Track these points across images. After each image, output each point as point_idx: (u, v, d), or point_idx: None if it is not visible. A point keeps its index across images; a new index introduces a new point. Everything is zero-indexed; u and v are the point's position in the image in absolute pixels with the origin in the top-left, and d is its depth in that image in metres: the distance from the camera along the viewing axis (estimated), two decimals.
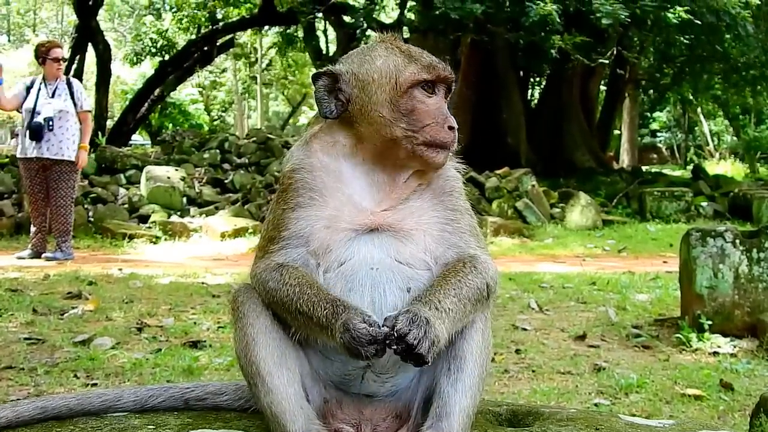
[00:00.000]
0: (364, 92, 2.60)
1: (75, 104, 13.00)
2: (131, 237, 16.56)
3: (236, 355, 2.59)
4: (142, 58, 39.78)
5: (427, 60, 2.64)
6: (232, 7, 35.20)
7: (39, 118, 12.66)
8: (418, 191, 2.64)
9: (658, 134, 59.02)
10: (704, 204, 23.08)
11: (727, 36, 26.52)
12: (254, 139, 23.78)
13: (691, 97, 39.40)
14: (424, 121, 2.57)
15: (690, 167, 35.04)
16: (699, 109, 48.88)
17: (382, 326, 2.30)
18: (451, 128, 2.61)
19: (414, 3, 28.38)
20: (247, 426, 2.51)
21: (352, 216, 2.56)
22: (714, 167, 37.06)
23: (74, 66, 31.19)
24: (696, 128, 56.08)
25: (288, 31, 37.62)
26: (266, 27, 39.87)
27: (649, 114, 53.65)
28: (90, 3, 30.61)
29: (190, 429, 2.74)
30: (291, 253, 2.55)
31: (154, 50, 38.86)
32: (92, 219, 17.87)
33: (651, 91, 39.36)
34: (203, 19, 35.27)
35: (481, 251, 2.63)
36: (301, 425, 2.42)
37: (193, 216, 18.90)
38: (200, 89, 56.79)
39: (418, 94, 2.59)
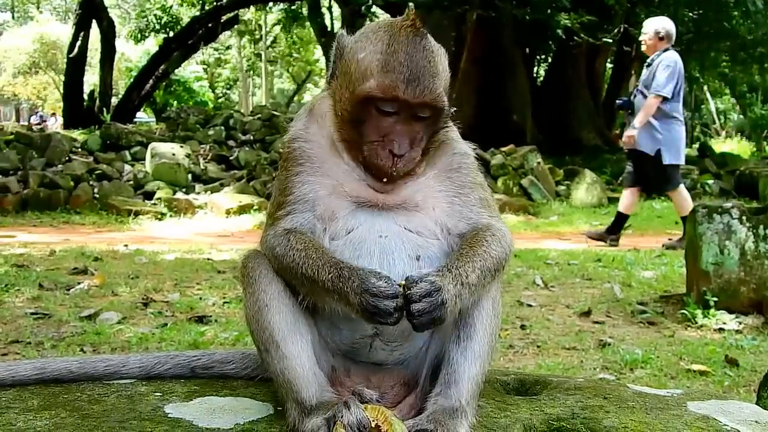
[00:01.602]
0: (342, 77, 2.47)
1: None
2: (136, 213, 16.60)
3: (247, 321, 2.54)
4: (147, 35, 39.72)
5: (393, 78, 2.34)
6: None
7: None
8: (423, 170, 2.55)
9: None
10: (710, 182, 23.02)
11: (735, 13, 26.38)
12: (259, 115, 23.76)
13: (697, 75, 39.18)
14: (369, 136, 2.41)
15: (696, 145, 34.90)
16: (705, 87, 48.67)
17: (400, 284, 2.27)
18: (393, 154, 2.40)
19: None
20: (254, 394, 2.52)
21: (355, 189, 2.51)
22: (720, 145, 36.89)
23: (78, 43, 31.14)
24: (702, 106, 55.87)
25: (293, 7, 37.50)
26: (270, 3, 39.76)
27: None
28: None
29: (197, 396, 2.74)
30: (298, 218, 2.50)
31: (158, 27, 38.80)
32: (97, 196, 17.91)
33: None
34: None
35: (495, 220, 2.59)
36: (314, 391, 2.40)
37: (198, 193, 18.92)
38: (205, 66, 56.76)
39: (373, 109, 2.39)
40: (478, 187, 2.62)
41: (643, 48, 12.74)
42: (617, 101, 13.26)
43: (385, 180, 2.46)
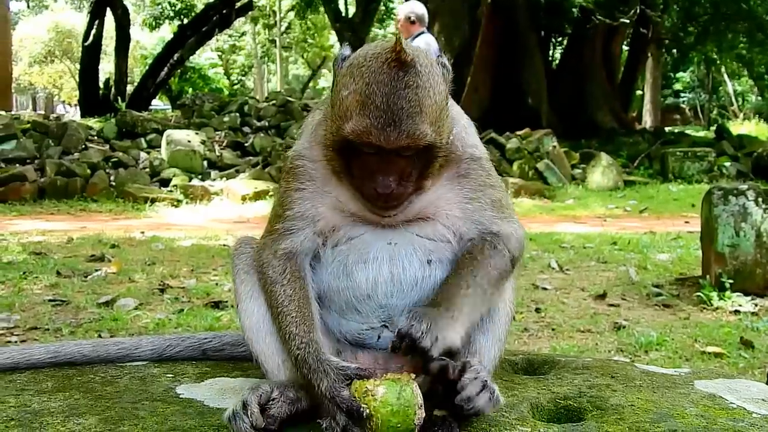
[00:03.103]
0: (331, 109, 2.40)
1: None
2: (153, 201, 16.69)
3: None
4: (161, 22, 39.76)
5: (367, 123, 2.23)
6: None
7: None
8: (427, 188, 2.47)
9: (682, 94, 58.43)
10: (727, 164, 22.89)
11: None
12: (274, 102, 23.77)
13: (715, 57, 38.92)
14: (356, 171, 2.36)
15: (713, 128, 34.68)
16: (723, 69, 48.30)
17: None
18: (379, 194, 2.32)
19: None
20: (264, 374, 2.54)
21: (358, 210, 2.47)
22: (738, 127, 36.58)
23: (93, 31, 31.21)
24: (720, 88, 55.48)
25: None
26: None
27: (672, 74, 53.15)
28: None
29: (209, 377, 2.78)
30: (297, 237, 2.49)
31: (172, 14, 38.84)
32: (114, 183, 18.01)
33: (674, 50, 38.87)
34: None
35: (505, 223, 2.54)
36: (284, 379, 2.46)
37: (214, 179, 18.98)
38: (219, 53, 56.78)
39: (356, 146, 2.30)
40: (489, 189, 2.55)
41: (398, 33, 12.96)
42: None
43: (380, 213, 2.44)
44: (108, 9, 31.92)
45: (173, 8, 38.81)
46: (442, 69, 2.40)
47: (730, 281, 7.65)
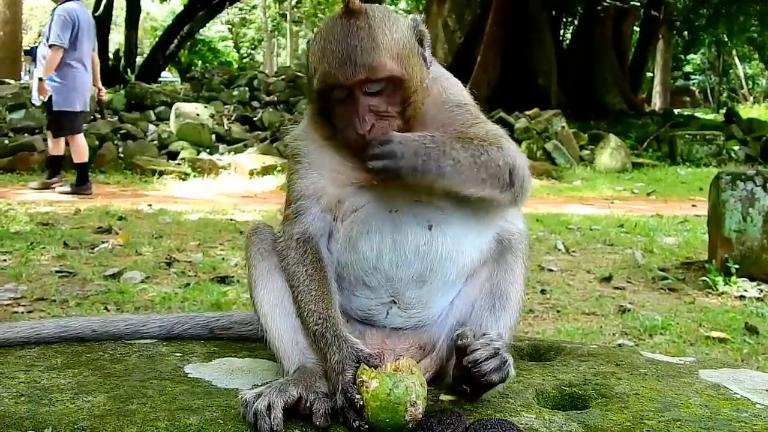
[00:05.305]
0: (306, 75, 2.60)
1: None
2: (160, 173, 16.69)
3: None
4: None
5: (326, 67, 2.39)
6: None
7: None
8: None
9: (692, 77, 58.20)
10: (736, 148, 22.80)
11: None
12: (283, 76, 23.72)
13: (726, 39, 38.69)
14: (337, 123, 2.46)
15: (723, 111, 34.51)
16: (734, 52, 48.04)
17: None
18: (359, 134, 2.39)
19: None
20: (272, 355, 2.57)
21: (353, 175, 2.51)
22: (747, 111, 36.42)
23: (103, 2, 31.13)
24: (730, 71, 55.22)
25: None
26: None
27: (682, 56, 52.91)
28: None
29: (217, 357, 2.80)
30: (306, 217, 2.54)
31: None
32: (122, 155, 18.01)
33: (685, 32, 38.69)
34: None
35: (505, 141, 2.53)
36: (295, 361, 2.46)
37: (222, 153, 18.97)
38: (230, 26, 56.62)
39: (330, 98, 2.44)
40: (478, 126, 2.54)
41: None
42: (27, 48, 13.99)
43: (367, 163, 2.43)
44: None
45: None
46: (411, 21, 2.51)
47: (736, 266, 7.65)
